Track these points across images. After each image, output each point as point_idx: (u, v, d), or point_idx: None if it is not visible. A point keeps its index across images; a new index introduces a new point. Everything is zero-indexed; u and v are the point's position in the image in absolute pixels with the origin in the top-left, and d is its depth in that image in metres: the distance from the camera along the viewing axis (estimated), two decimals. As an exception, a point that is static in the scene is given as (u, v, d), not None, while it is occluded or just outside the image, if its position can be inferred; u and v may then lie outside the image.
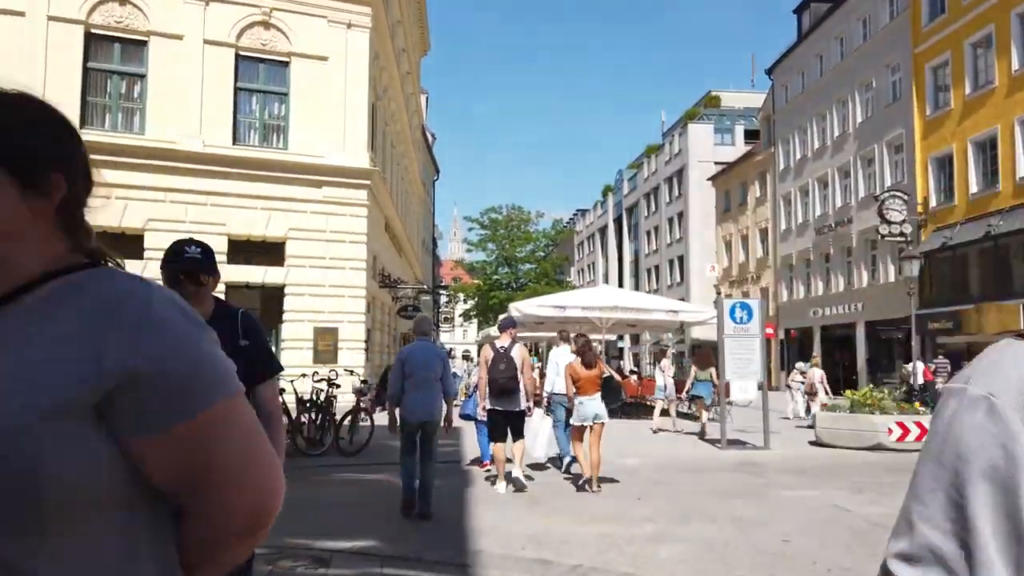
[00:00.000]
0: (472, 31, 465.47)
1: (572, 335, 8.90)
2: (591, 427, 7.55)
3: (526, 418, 7.71)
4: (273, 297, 15.70)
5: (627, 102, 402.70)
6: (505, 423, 7.48)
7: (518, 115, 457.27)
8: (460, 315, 54.38)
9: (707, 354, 13.45)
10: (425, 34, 34.34)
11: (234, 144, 15.42)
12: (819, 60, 33.28)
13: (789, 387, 17.13)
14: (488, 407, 7.53)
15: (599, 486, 7.62)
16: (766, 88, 51.85)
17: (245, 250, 15.45)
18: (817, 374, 16.24)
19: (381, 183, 18.15)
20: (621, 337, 58.14)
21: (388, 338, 22.70)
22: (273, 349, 3.62)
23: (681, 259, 49.56)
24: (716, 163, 47.01)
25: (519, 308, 17.18)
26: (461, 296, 54.53)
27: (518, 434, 7.60)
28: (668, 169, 52.44)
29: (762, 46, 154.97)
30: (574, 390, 7.59)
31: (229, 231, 15.22)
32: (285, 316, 15.58)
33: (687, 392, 14.04)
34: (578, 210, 77.38)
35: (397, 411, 6.43)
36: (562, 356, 9.12)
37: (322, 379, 10.74)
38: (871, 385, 13.27)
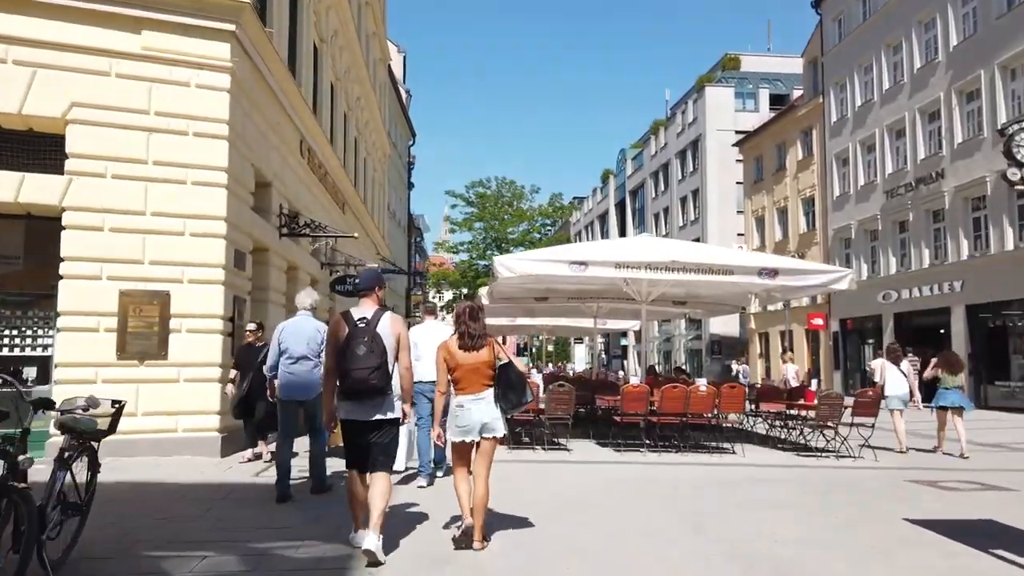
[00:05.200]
0: (452, 38, 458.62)
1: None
2: (477, 444, 4.77)
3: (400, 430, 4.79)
4: (39, 233, 8.41)
5: (624, 89, 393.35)
6: (360, 441, 4.52)
7: (510, 113, 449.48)
8: (442, 307, 47.08)
9: (957, 357, 10.84)
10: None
11: (-38, -59, 8.14)
12: (889, -23, 26.32)
13: None
14: (337, 416, 4.56)
15: (485, 540, 4.67)
16: (788, 53, 45.30)
17: (-17, 142, 8.17)
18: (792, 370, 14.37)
19: (268, 46, 10.58)
20: (625, 333, 50.87)
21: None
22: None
23: (697, 242, 42.87)
24: (737, 132, 40.58)
25: (507, 265, 10.09)
26: (452, 292, 47.29)
27: (383, 460, 4.53)
28: (680, 142, 46.38)
29: (776, 14, 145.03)
30: (448, 387, 4.78)
31: (-55, 103, 7.94)
32: (64, 269, 8.26)
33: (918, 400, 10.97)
34: (575, 198, 70.05)
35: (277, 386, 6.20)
36: (428, 333, 6.60)
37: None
38: None
